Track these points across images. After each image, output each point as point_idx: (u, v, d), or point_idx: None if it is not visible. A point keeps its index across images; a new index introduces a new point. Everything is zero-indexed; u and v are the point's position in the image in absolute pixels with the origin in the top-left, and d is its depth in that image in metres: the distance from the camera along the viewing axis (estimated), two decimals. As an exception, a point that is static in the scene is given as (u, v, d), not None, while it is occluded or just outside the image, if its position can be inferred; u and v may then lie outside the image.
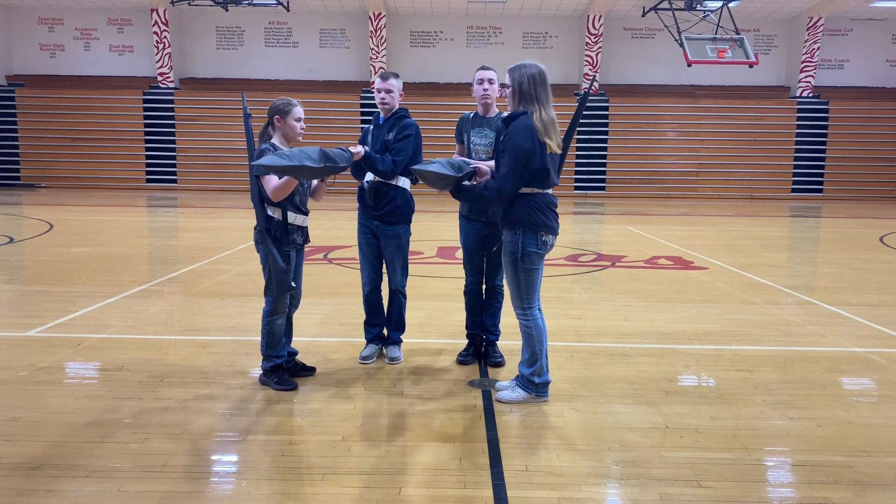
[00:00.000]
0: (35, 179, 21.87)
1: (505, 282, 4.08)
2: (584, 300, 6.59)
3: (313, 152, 3.58)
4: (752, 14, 21.98)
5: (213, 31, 22.83)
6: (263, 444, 3.26)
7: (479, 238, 4.47)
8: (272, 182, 3.78)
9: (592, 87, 3.68)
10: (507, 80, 3.66)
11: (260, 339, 4.07)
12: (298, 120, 3.99)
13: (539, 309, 3.82)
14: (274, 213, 3.89)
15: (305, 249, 4.25)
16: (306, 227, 4.13)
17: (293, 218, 3.95)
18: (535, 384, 3.78)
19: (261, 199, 3.86)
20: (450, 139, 4.65)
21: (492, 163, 4.35)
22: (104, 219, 13.48)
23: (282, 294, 3.89)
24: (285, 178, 3.66)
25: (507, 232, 3.72)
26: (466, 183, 3.81)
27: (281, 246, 3.90)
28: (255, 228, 3.95)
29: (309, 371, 4.25)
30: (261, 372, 4.07)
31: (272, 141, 3.97)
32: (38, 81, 22.35)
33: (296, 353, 4.27)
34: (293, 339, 4.27)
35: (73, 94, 21.93)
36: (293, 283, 3.90)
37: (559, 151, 3.67)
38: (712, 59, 17.63)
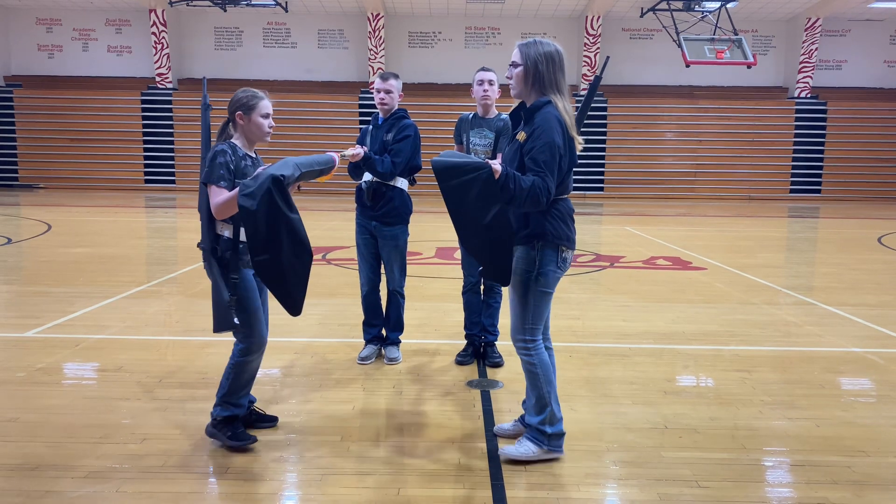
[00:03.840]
0: (33, 180, 21.83)
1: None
2: (583, 300, 6.59)
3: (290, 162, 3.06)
4: (751, 15, 22.00)
5: (212, 32, 22.81)
6: (262, 444, 3.26)
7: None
8: (221, 195, 3.05)
9: (605, 69, 3.48)
10: (517, 58, 3.01)
11: (222, 379, 3.29)
12: (266, 116, 3.27)
13: (546, 342, 3.27)
14: (223, 229, 3.14)
15: None
16: None
17: None
18: (546, 435, 3.11)
19: (209, 213, 3.11)
20: (448, 139, 4.65)
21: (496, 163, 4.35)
22: (102, 219, 13.47)
23: (227, 331, 3.15)
24: (235, 191, 2.95)
25: (520, 248, 3.05)
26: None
27: (229, 270, 3.13)
28: (198, 245, 3.20)
29: (269, 422, 3.49)
30: (211, 420, 3.27)
31: (232, 141, 3.24)
32: (36, 82, 22.32)
33: (254, 401, 3.50)
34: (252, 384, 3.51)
35: (71, 94, 21.90)
36: (237, 321, 3.11)
37: (581, 149, 3.08)
38: (710, 60, 17.65)
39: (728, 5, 18.29)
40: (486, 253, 2.93)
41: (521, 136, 2.99)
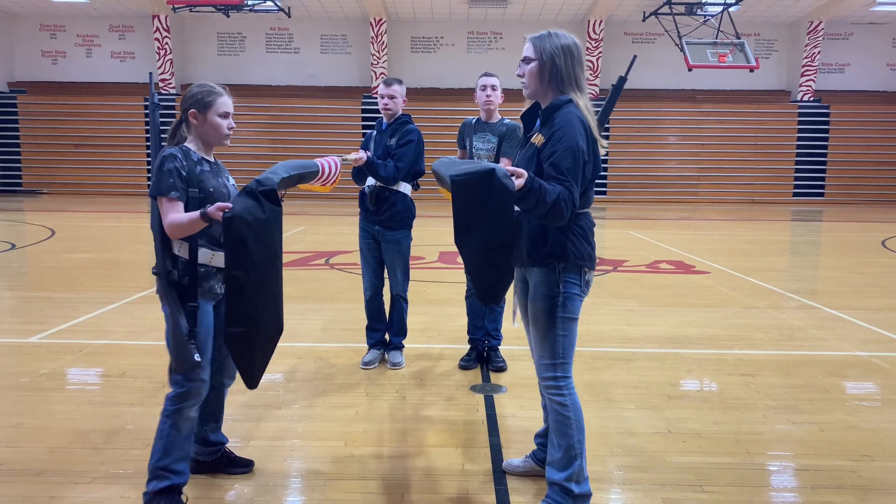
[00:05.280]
0: (37, 185, 21.88)
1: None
2: (586, 304, 6.53)
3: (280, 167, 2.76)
4: (753, 18, 22.00)
5: (215, 38, 22.87)
6: (265, 449, 3.26)
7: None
8: (173, 209, 2.58)
9: (631, 69, 3.12)
10: (530, 53, 2.64)
11: (155, 440, 2.67)
12: (225, 116, 2.76)
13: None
14: (180, 250, 2.63)
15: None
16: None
17: (209, 257, 2.68)
18: (572, 496, 2.61)
19: (161, 231, 2.61)
20: (451, 144, 4.66)
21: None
22: (106, 224, 13.49)
23: (185, 370, 2.62)
24: (195, 214, 2.53)
25: (538, 271, 2.64)
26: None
27: (187, 298, 2.65)
28: (152, 271, 2.71)
29: (244, 466, 3.05)
30: (145, 493, 2.65)
31: (185, 145, 2.75)
32: (40, 88, 22.39)
33: (224, 442, 3.05)
34: (223, 422, 3.06)
35: (74, 100, 21.96)
36: (198, 358, 2.60)
37: (604, 153, 2.69)
38: (713, 64, 17.64)
39: (730, 9, 18.29)
40: (490, 276, 2.47)
41: (538, 139, 2.59)
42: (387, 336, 4.68)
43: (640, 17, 21.31)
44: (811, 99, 22.34)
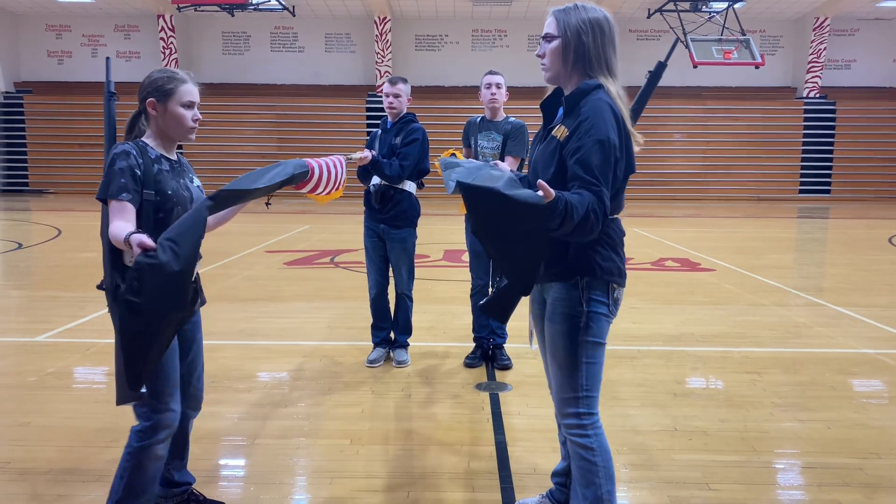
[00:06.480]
0: (43, 185, 21.97)
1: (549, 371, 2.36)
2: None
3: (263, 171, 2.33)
4: (758, 15, 21.92)
5: (220, 37, 22.91)
6: (271, 448, 3.27)
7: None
8: (121, 218, 2.20)
9: (671, 55, 2.81)
10: (553, 29, 2.22)
11: (115, 479, 2.36)
12: (189, 106, 2.38)
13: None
14: (131, 261, 2.12)
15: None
16: (194, 281, 2.53)
17: None
18: None
19: (110, 242, 2.21)
20: (456, 142, 4.66)
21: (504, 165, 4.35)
22: (112, 224, 13.52)
23: (128, 402, 2.23)
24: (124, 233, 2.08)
25: (557, 287, 2.23)
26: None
27: None
28: (98, 286, 2.33)
29: None
30: None
31: (142, 140, 2.39)
32: (45, 88, 22.47)
33: (191, 482, 2.71)
34: (188, 459, 2.70)
35: (80, 100, 22.02)
36: (143, 389, 2.14)
37: (639, 150, 2.24)
38: (718, 61, 17.60)
39: (735, 6, 18.23)
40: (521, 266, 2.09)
41: (561, 131, 2.17)
42: (392, 334, 4.69)
43: (645, 14, 21.25)
44: (817, 95, 22.26)
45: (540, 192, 1.89)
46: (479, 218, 2.07)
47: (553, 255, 2.17)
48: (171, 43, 21.94)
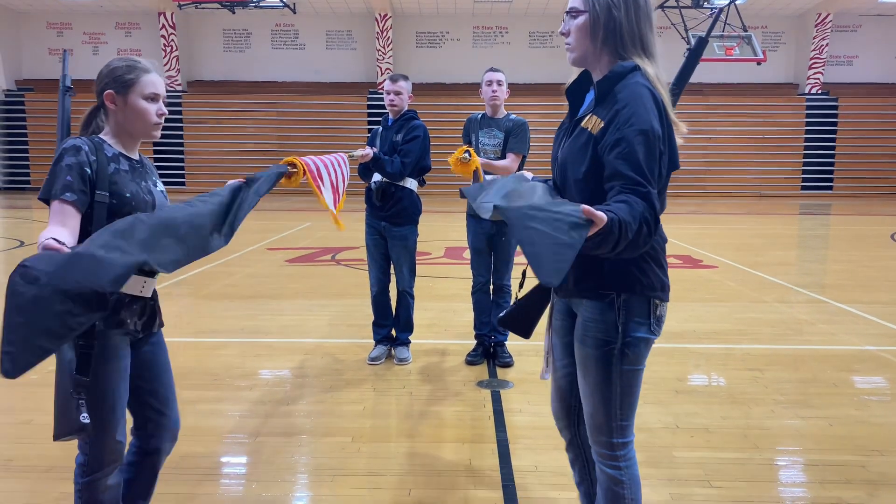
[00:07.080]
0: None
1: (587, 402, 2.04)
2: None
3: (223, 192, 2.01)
4: (760, 11, 21.87)
5: (220, 34, 22.90)
6: (273, 445, 3.27)
7: (487, 237, 4.47)
8: (59, 223, 1.90)
9: (712, 30, 2.56)
10: (578, 3, 1.89)
11: None
12: (153, 98, 2.10)
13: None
14: None
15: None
16: (151, 299, 2.24)
17: (138, 286, 2.12)
18: None
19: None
20: (457, 139, 4.65)
21: (505, 162, 4.35)
22: (113, 222, 13.53)
23: (67, 434, 1.89)
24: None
25: (589, 304, 1.93)
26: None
27: (81, 336, 1.83)
28: None
29: None
30: None
31: (99, 136, 2.13)
32: (47, 86, 22.46)
33: None
34: (151, 499, 2.40)
35: (81, 97, 21.79)
36: (86, 419, 1.86)
37: (682, 141, 1.93)
38: (720, 57, 17.57)
39: (737, 2, 18.19)
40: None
41: (594, 121, 1.85)
42: (393, 332, 4.69)
43: (647, 11, 21.20)
44: (819, 92, 22.21)
45: (583, 213, 1.53)
46: (522, 229, 1.62)
47: (585, 266, 1.82)
48: (172, 40, 21.93)
